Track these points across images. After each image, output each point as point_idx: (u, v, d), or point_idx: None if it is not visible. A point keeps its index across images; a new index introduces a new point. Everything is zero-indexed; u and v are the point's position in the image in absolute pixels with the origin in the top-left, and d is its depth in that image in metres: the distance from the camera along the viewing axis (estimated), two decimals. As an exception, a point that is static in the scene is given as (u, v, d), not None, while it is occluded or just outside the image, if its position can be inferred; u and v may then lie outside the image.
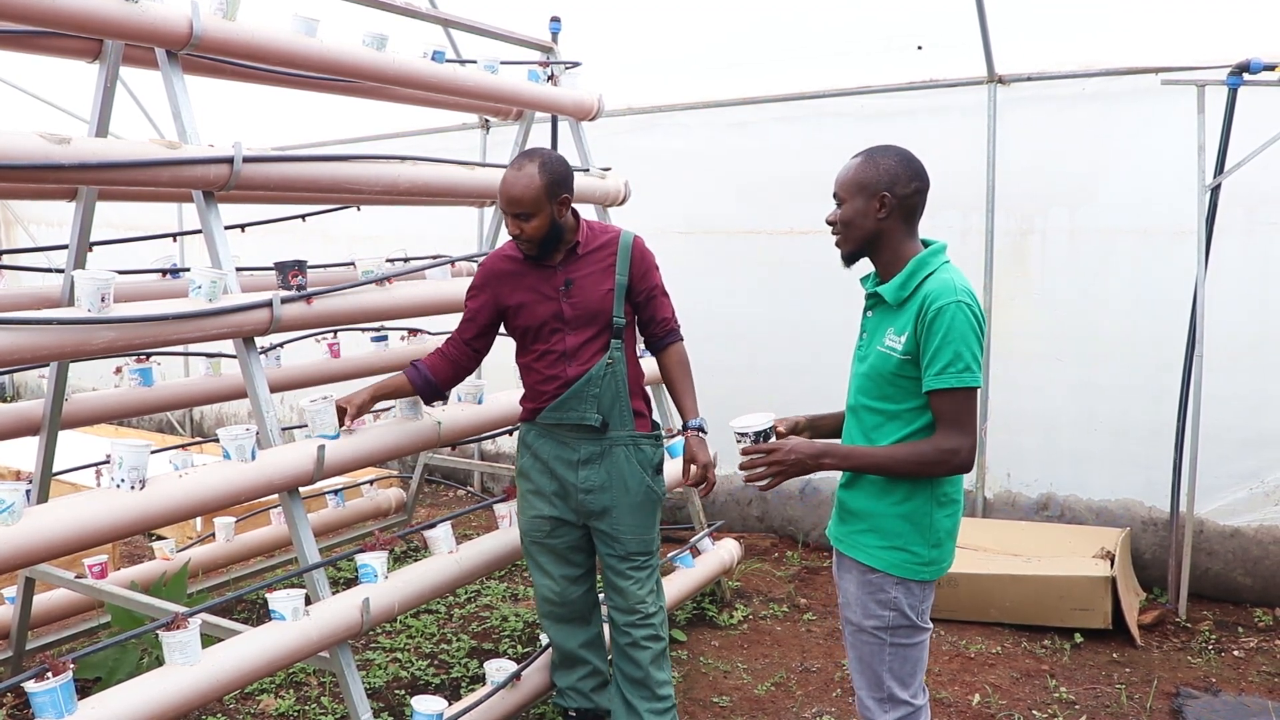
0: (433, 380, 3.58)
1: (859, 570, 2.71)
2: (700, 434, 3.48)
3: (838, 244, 2.82)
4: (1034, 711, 4.11)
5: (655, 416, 3.74)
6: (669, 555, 4.82)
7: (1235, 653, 4.65)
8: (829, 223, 2.81)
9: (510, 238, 3.43)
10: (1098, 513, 5.51)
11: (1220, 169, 4.77)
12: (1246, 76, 4.62)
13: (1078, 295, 5.47)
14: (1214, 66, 4.77)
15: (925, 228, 5.90)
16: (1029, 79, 5.51)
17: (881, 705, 2.74)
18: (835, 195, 2.79)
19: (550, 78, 4.86)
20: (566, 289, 3.42)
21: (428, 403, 3.76)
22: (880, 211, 2.70)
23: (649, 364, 3.79)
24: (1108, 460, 5.46)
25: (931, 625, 2.77)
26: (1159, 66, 5.04)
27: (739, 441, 2.75)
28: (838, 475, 2.82)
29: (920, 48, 5.63)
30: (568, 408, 3.44)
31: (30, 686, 2.50)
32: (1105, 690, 4.28)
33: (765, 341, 6.22)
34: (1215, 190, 4.80)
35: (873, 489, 2.69)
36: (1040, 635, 4.81)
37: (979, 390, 2.62)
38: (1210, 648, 4.69)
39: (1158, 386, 5.20)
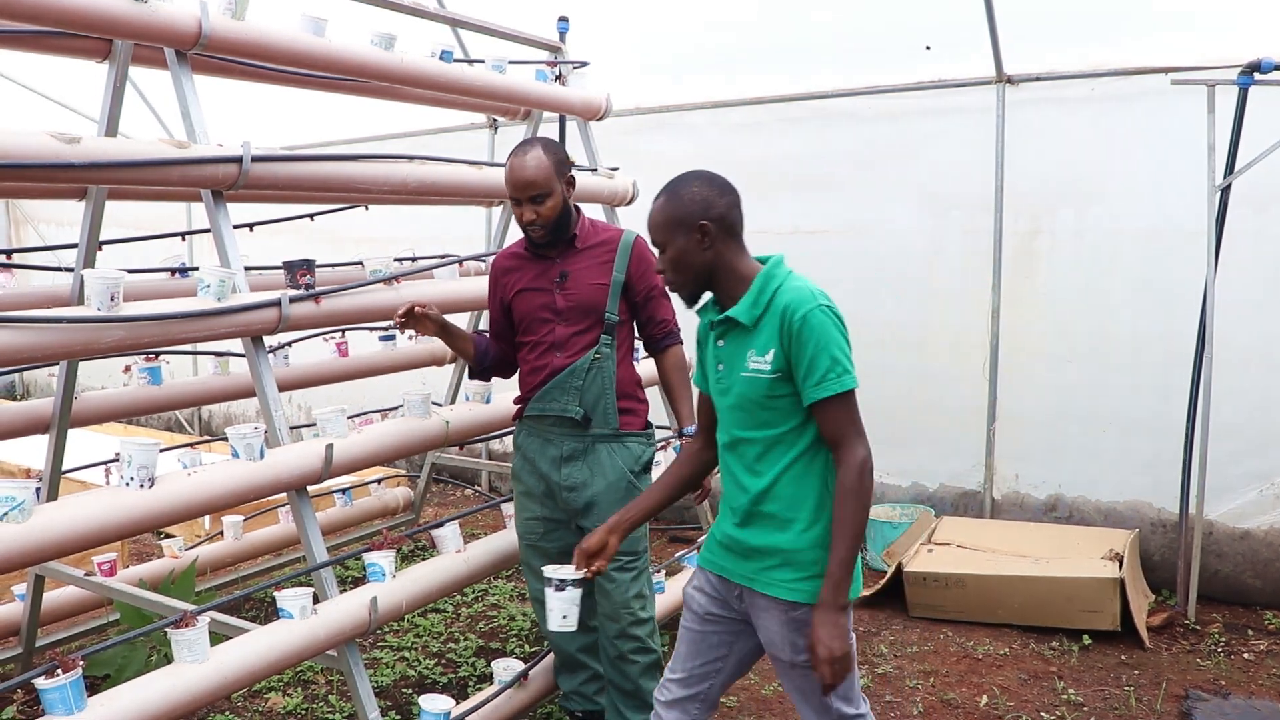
0: (489, 354, 3.64)
1: (779, 609, 2.56)
2: None
3: (674, 288, 2.68)
4: (1042, 713, 4.10)
5: (650, 419, 3.67)
6: (676, 555, 4.83)
7: (1245, 655, 4.63)
8: (659, 272, 2.68)
9: (521, 232, 3.44)
10: (1106, 514, 5.50)
11: (1230, 169, 4.75)
12: (1257, 76, 4.61)
13: (1086, 296, 5.46)
14: (1224, 66, 4.76)
15: (933, 226, 5.90)
16: (1038, 79, 5.50)
17: None
18: (655, 243, 2.66)
19: (558, 77, 4.86)
20: (561, 281, 3.43)
21: (473, 375, 3.76)
22: (705, 241, 2.57)
23: (647, 367, 3.79)
24: (1116, 461, 5.45)
25: (855, 637, 2.64)
26: (1169, 66, 5.03)
27: (549, 584, 2.84)
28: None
29: (929, 48, 5.63)
30: (550, 398, 3.45)
31: (40, 683, 2.51)
32: (1114, 692, 4.27)
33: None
34: (1225, 191, 4.78)
35: (773, 524, 2.56)
36: (1048, 637, 4.80)
37: (858, 395, 2.53)
38: (1220, 650, 4.67)
39: (1167, 387, 5.19)
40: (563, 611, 2.87)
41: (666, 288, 2.74)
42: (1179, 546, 5.08)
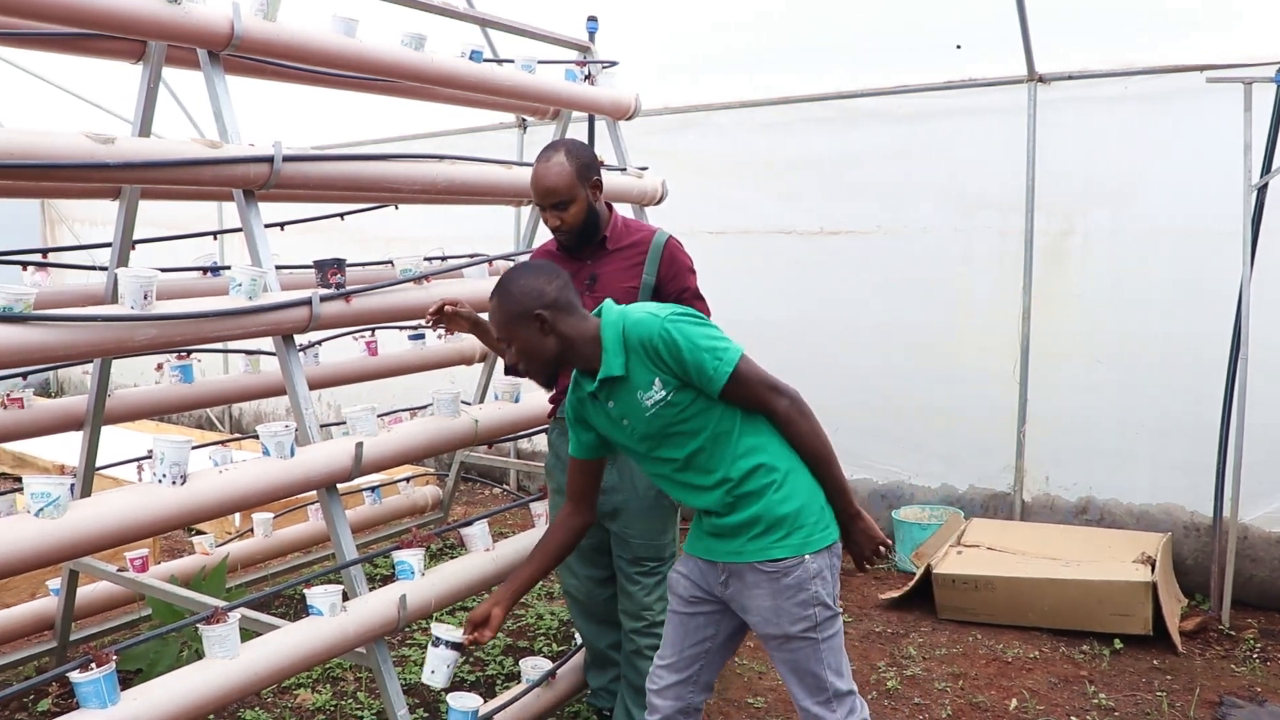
0: None
1: (771, 576, 2.66)
2: None
3: (532, 376, 2.86)
4: (1072, 717, 4.08)
5: None
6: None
7: None
8: (512, 365, 2.86)
9: (550, 233, 3.44)
10: (1138, 517, 5.45)
11: (1267, 169, 4.70)
12: (1295, 74, 4.57)
13: (1119, 296, 5.41)
14: (1261, 64, 4.71)
15: (963, 227, 5.86)
16: (1070, 78, 5.46)
17: (829, 706, 2.72)
18: (499, 339, 2.83)
19: (587, 77, 4.86)
20: (591, 283, 3.42)
21: (509, 371, 3.74)
22: (544, 328, 2.72)
23: None
24: (1149, 463, 5.40)
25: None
26: (1204, 64, 4.97)
27: (432, 639, 3.10)
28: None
29: (959, 47, 5.60)
30: None
31: (75, 677, 2.53)
32: (1145, 698, 4.24)
33: (797, 340, 6.19)
34: (1261, 190, 4.73)
35: (750, 498, 2.67)
36: (1079, 640, 4.76)
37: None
38: (1255, 656, 4.62)
39: (1201, 389, 5.13)
40: (433, 667, 3.10)
41: (520, 370, 2.88)
42: (1213, 550, 5.02)
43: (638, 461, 2.87)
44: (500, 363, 3.95)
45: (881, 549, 2.79)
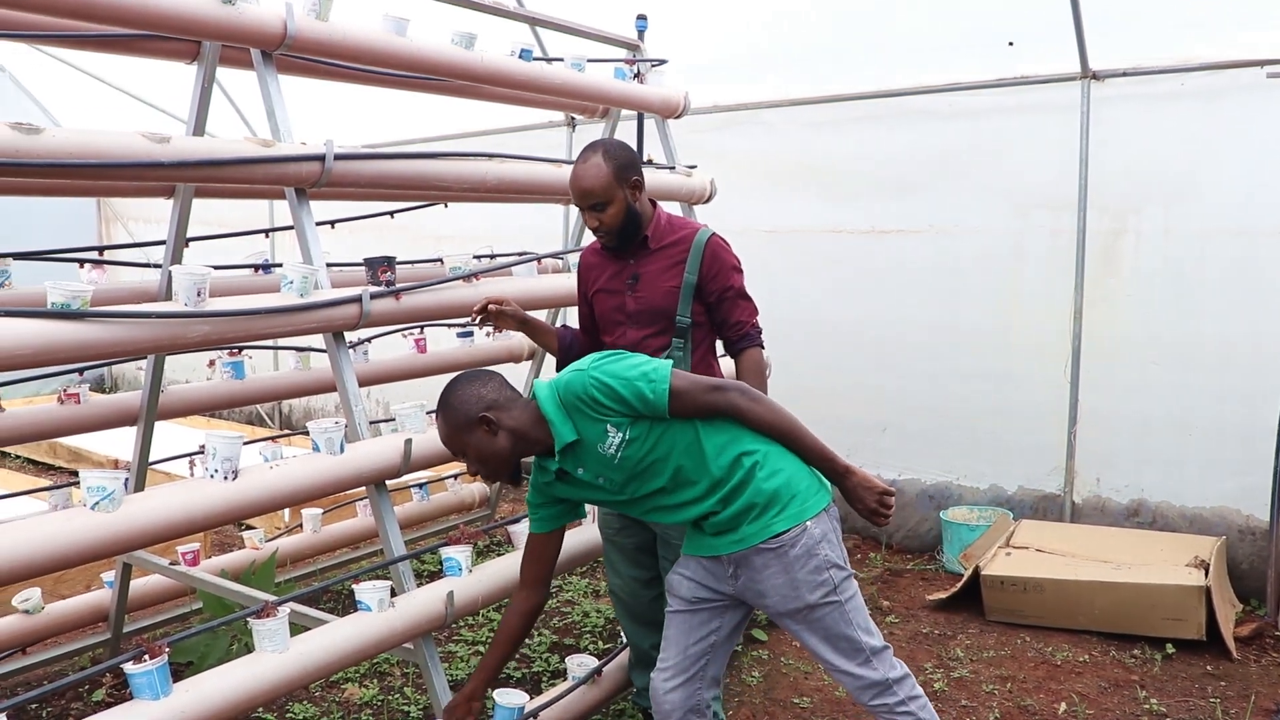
0: (574, 347, 3.62)
1: (778, 553, 2.71)
2: None
3: (493, 479, 2.93)
4: (1123, 722, 4.03)
5: None
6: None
7: (1336, 667, 4.50)
8: (473, 474, 2.89)
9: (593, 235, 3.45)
10: (1191, 520, 5.37)
11: (1326, 167, 4.62)
12: (1356, 69, 4.48)
13: (1173, 296, 5.33)
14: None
15: (1014, 226, 5.80)
16: (1124, 75, 5.38)
17: (869, 664, 2.76)
18: (455, 453, 2.87)
19: (636, 75, 4.87)
20: (633, 283, 3.41)
21: (560, 367, 3.76)
22: (495, 432, 2.76)
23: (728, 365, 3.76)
24: (1202, 466, 5.31)
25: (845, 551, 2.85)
26: (1263, 59, 4.89)
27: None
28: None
29: (1011, 44, 5.54)
30: None
31: (129, 668, 2.58)
32: (1198, 704, 4.17)
33: (847, 339, 6.16)
34: (1321, 189, 4.65)
35: (740, 491, 2.73)
36: (1130, 644, 4.70)
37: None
38: (1310, 661, 4.54)
39: (1257, 391, 5.04)
40: None
41: (485, 476, 2.91)
42: (1269, 554, 4.93)
43: (630, 510, 2.92)
44: (549, 359, 3.97)
45: (885, 497, 2.76)
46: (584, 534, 3.98)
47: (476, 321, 3.48)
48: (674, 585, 2.93)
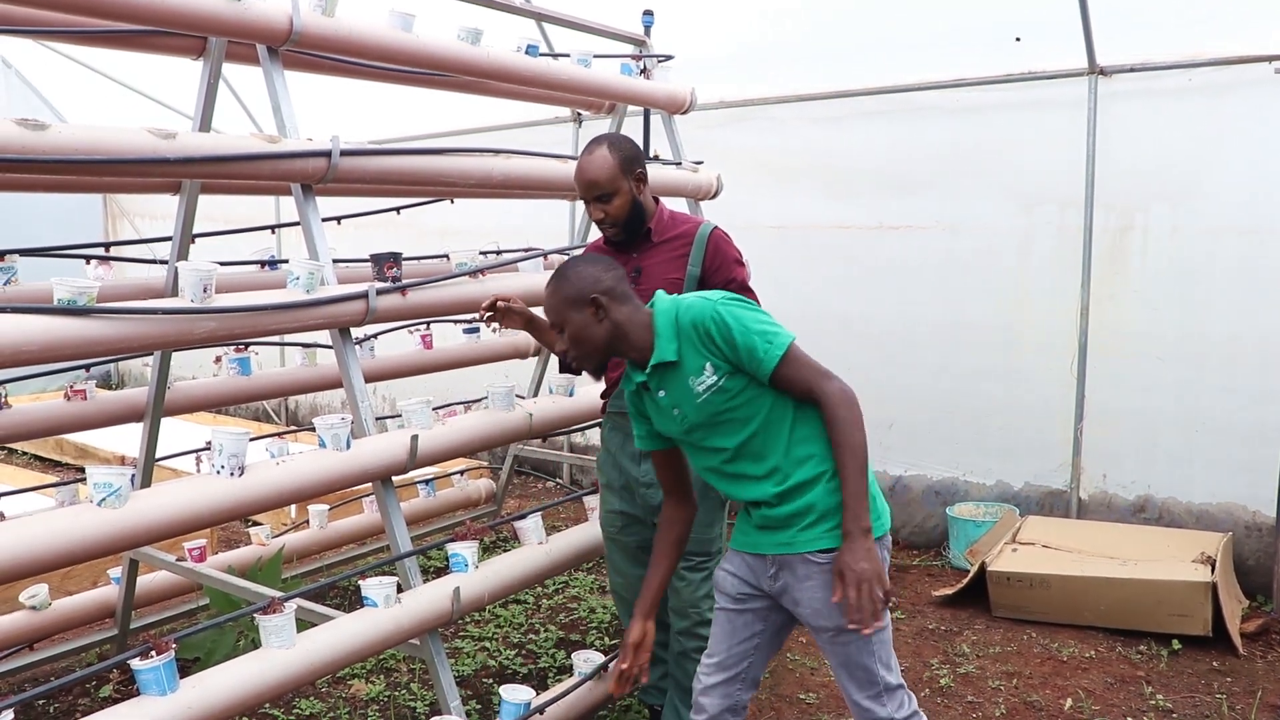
0: None
1: (821, 566, 2.62)
2: None
3: (579, 363, 2.84)
4: (1128, 718, 4.02)
5: None
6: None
7: (1344, 664, 4.49)
8: (560, 353, 2.82)
9: (597, 228, 3.44)
10: (1198, 516, 5.36)
11: (1335, 163, 4.60)
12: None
13: (1180, 293, 5.32)
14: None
15: (1021, 222, 5.79)
16: (1132, 70, 5.36)
17: (879, 700, 2.69)
18: (552, 325, 2.84)
19: (643, 71, 4.86)
20: (636, 276, 3.39)
21: (564, 368, 3.69)
22: (601, 319, 2.73)
23: None
24: (1209, 463, 5.30)
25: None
26: (1273, 54, 4.88)
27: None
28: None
29: (1019, 39, 5.52)
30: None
31: (136, 664, 2.58)
32: (1204, 700, 4.17)
33: (853, 335, 6.15)
34: (1330, 185, 4.63)
35: (803, 488, 2.64)
36: (1136, 640, 4.69)
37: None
38: (1317, 658, 4.54)
39: (1263, 388, 5.04)
40: None
41: (571, 361, 2.86)
42: (1275, 551, 4.92)
43: (686, 450, 2.85)
44: (555, 357, 3.96)
45: (875, 588, 2.51)
46: (589, 531, 3.98)
47: (484, 319, 3.47)
48: (720, 582, 2.88)
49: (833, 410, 2.60)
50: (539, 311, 3.32)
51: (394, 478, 3.38)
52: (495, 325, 3.52)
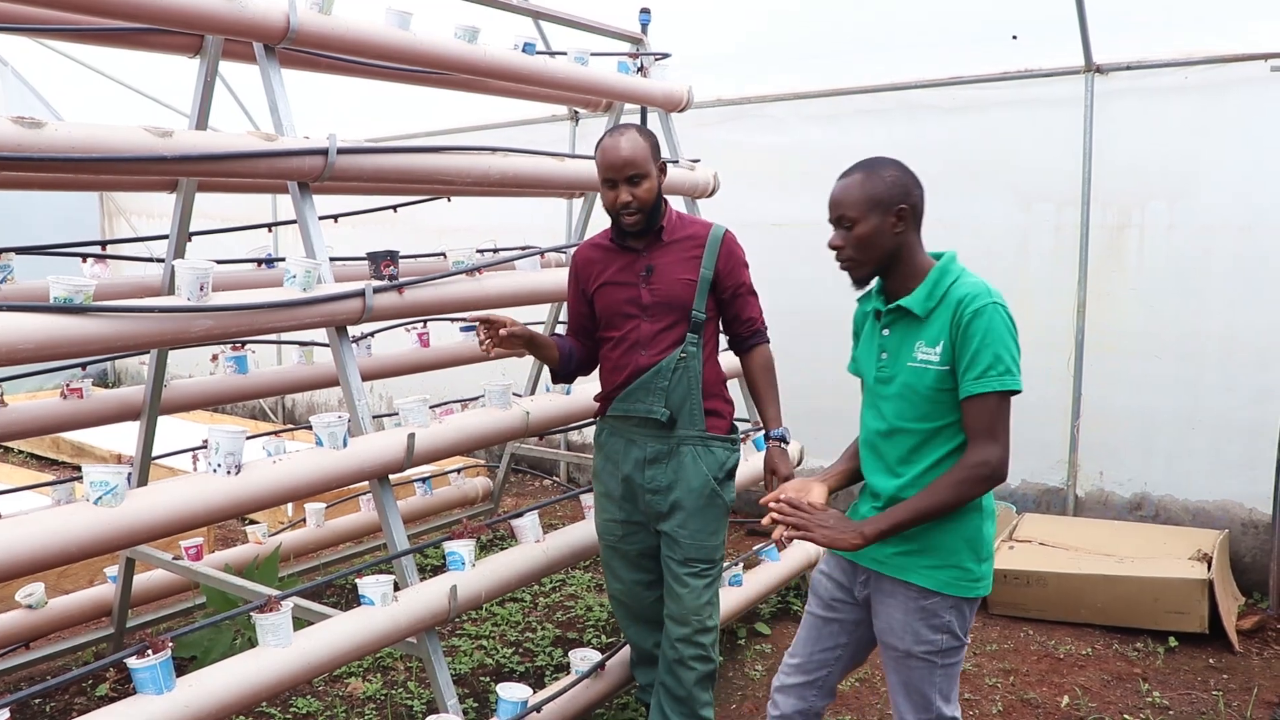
0: (572, 356, 3.55)
1: (909, 594, 2.58)
2: (782, 445, 3.38)
3: (848, 268, 2.68)
4: (1125, 715, 4.02)
5: (736, 421, 3.59)
6: (755, 549, 4.81)
7: (1340, 661, 4.50)
8: (835, 247, 2.67)
9: (610, 221, 3.39)
10: (1194, 514, 5.37)
11: (1331, 161, 4.61)
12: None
13: (1177, 291, 5.32)
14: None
15: (1018, 220, 5.80)
16: (1128, 68, 5.37)
17: None
18: (841, 218, 2.68)
19: (640, 69, 4.86)
20: (647, 275, 3.36)
21: (557, 379, 3.70)
22: (898, 225, 2.60)
23: (729, 360, 3.74)
24: (1206, 460, 5.31)
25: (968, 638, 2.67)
26: (1268, 52, 4.88)
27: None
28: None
29: (1015, 38, 5.53)
30: (635, 399, 3.36)
31: (132, 663, 2.57)
32: (1201, 696, 4.17)
33: (850, 332, 6.15)
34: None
35: None
36: (1133, 638, 4.70)
37: (1017, 396, 2.48)
38: (1313, 655, 4.54)
39: (1260, 385, 5.05)
40: None
41: (839, 264, 2.72)
42: (1271, 548, 4.93)
43: (864, 403, 2.74)
44: (547, 368, 3.92)
45: (814, 530, 2.49)
46: (586, 529, 3.98)
47: (482, 348, 3.36)
48: (815, 584, 2.84)
49: (964, 468, 2.47)
50: (536, 310, 3.30)
51: (391, 476, 3.37)
52: (486, 343, 3.37)
